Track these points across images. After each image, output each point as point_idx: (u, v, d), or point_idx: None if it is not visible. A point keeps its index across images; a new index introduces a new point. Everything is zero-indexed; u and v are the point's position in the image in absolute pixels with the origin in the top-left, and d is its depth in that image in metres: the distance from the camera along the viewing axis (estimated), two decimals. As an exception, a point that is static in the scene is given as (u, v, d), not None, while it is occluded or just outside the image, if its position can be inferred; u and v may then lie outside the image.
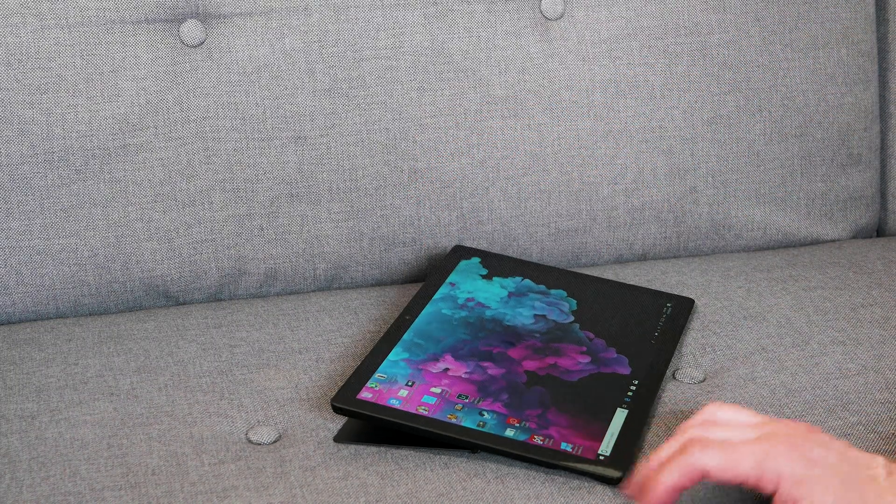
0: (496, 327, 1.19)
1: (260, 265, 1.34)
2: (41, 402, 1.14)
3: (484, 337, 1.18)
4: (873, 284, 1.31)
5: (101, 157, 1.29)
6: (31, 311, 1.31)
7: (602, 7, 1.37)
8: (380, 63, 1.33)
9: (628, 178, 1.39)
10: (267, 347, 1.23)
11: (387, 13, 1.33)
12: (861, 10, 1.42)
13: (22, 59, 1.26)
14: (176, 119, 1.30)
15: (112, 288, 1.31)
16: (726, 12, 1.39)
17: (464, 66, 1.35)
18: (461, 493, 1.01)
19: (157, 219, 1.31)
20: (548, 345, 1.17)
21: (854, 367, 1.16)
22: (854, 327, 1.23)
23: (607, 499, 1.01)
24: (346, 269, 1.36)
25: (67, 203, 1.29)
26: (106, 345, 1.23)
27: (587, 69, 1.37)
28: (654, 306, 1.25)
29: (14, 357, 1.22)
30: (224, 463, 1.06)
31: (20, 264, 1.29)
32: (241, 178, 1.32)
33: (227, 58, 1.31)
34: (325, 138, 1.33)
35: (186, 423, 1.11)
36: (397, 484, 1.03)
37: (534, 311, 1.22)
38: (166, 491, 1.03)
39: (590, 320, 1.22)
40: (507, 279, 1.27)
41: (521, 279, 1.28)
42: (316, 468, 1.05)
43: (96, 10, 1.28)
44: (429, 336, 1.17)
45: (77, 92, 1.28)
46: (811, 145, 1.42)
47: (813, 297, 1.28)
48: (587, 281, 1.28)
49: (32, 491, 1.03)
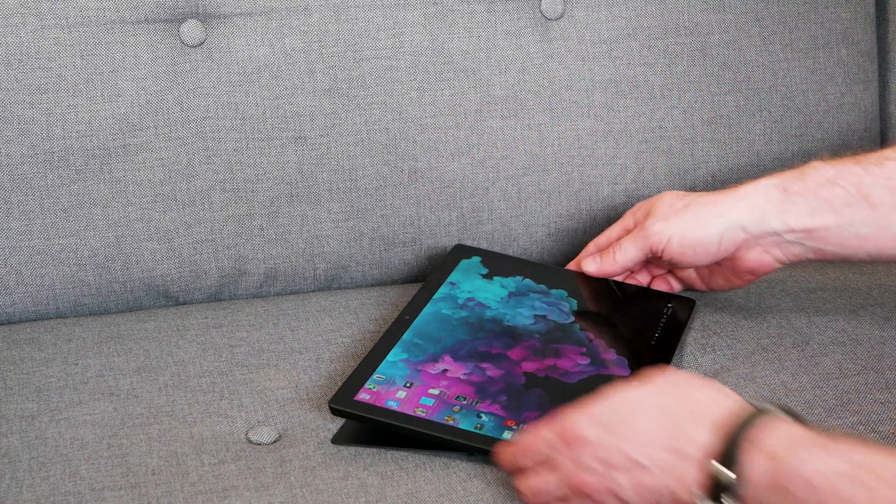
0: (496, 327, 1.19)
1: (260, 265, 1.34)
2: (41, 402, 1.14)
3: (483, 337, 1.18)
4: (873, 284, 1.31)
5: (101, 157, 1.29)
6: (31, 311, 1.31)
7: (602, 7, 1.37)
8: (380, 63, 1.33)
9: (628, 178, 1.39)
10: (267, 347, 1.22)
11: (387, 13, 1.33)
12: (861, 10, 1.42)
13: (22, 59, 1.26)
14: (176, 119, 1.30)
15: (112, 288, 1.31)
16: (726, 12, 1.39)
17: (464, 66, 1.34)
18: (461, 494, 1.01)
19: (157, 219, 1.31)
20: (547, 346, 1.17)
21: (854, 367, 1.16)
22: (854, 327, 1.23)
23: (607, 499, 1.01)
24: (346, 269, 1.36)
25: (67, 203, 1.29)
26: (106, 345, 1.23)
27: (587, 69, 1.37)
28: (655, 307, 1.25)
29: (14, 357, 1.22)
30: (224, 463, 1.06)
31: (20, 264, 1.29)
32: (241, 178, 1.32)
33: (227, 58, 1.31)
34: (325, 138, 1.33)
35: (186, 423, 1.11)
36: (397, 484, 1.03)
37: (534, 311, 1.22)
38: (166, 491, 1.03)
39: (590, 321, 1.22)
40: (507, 279, 1.27)
41: (522, 279, 1.27)
42: (316, 468, 1.05)
43: (96, 10, 1.28)
44: (428, 336, 1.17)
45: (77, 92, 1.28)
46: (811, 145, 1.42)
47: (813, 297, 1.28)
48: (588, 281, 1.28)
49: (32, 491, 1.03)
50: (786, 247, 1.17)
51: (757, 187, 1.18)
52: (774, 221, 1.16)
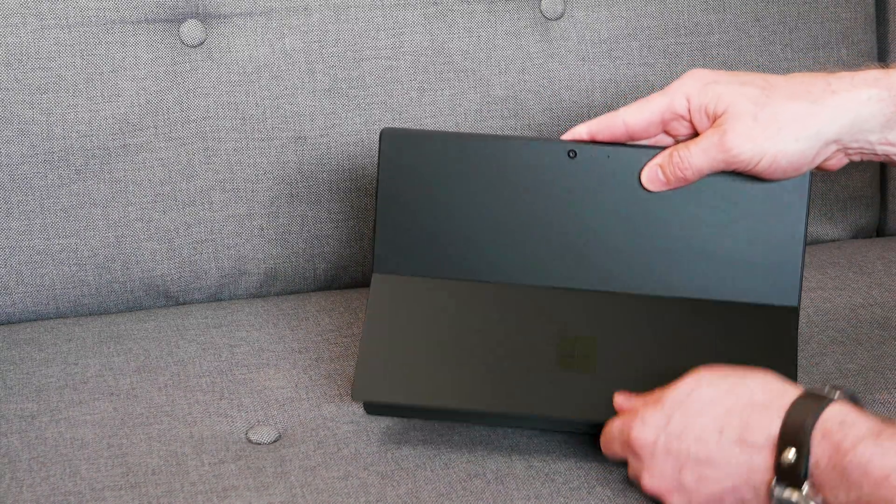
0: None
1: (260, 265, 1.34)
2: (41, 402, 1.14)
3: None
4: (873, 284, 1.31)
5: (101, 157, 1.29)
6: (31, 311, 1.31)
7: (602, 7, 1.37)
8: (380, 63, 1.33)
9: (628, 178, 1.39)
10: (267, 347, 1.23)
11: (387, 13, 1.33)
12: (861, 10, 1.42)
13: (22, 59, 1.26)
14: (176, 119, 1.30)
15: (112, 288, 1.31)
16: (726, 12, 1.39)
17: (464, 66, 1.35)
18: (461, 494, 1.01)
19: (157, 219, 1.31)
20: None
21: (854, 367, 1.16)
22: (854, 327, 1.23)
23: (606, 499, 1.01)
24: (346, 269, 1.36)
25: (67, 203, 1.29)
26: (106, 345, 1.23)
27: (587, 69, 1.37)
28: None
29: (14, 357, 1.22)
30: (224, 463, 1.06)
31: (20, 264, 1.29)
32: (241, 178, 1.32)
33: (227, 58, 1.31)
34: (325, 138, 1.33)
35: (186, 423, 1.11)
36: (398, 484, 1.03)
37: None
38: (166, 491, 1.03)
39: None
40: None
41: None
42: (316, 468, 1.05)
43: (96, 10, 1.28)
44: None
45: (77, 92, 1.28)
46: (811, 145, 1.42)
47: (813, 297, 1.28)
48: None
49: (32, 491, 1.03)
50: (868, 154, 1.06)
51: (859, 98, 1.02)
52: (874, 135, 1.03)
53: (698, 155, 1.04)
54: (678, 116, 1.06)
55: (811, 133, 1.02)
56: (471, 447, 1.07)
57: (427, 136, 1.10)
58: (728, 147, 1.03)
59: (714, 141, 1.03)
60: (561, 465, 1.04)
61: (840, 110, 1.02)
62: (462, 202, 1.09)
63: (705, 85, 1.05)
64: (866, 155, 1.05)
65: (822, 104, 1.02)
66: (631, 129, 1.07)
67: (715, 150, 1.03)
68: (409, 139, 1.10)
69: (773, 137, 1.02)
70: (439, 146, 1.09)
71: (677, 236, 1.08)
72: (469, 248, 1.10)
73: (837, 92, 1.03)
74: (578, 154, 1.08)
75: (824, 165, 1.06)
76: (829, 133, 1.03)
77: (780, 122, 1.02)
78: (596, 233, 1.09)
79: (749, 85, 1.04)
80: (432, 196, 1.09)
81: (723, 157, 1.03)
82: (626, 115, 1.07)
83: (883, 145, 1.04)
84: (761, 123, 1.02)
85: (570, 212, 1.09)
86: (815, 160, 1.04)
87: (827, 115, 1.02)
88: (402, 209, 1.10)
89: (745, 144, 1.03)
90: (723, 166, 1.04)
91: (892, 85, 1.03)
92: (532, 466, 1.04)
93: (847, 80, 1.03)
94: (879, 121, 1.03)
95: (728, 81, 1.04)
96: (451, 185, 1.09)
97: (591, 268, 1.09)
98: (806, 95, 1.03)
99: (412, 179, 1.10)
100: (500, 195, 1.09)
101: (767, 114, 1.02)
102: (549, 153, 1.08)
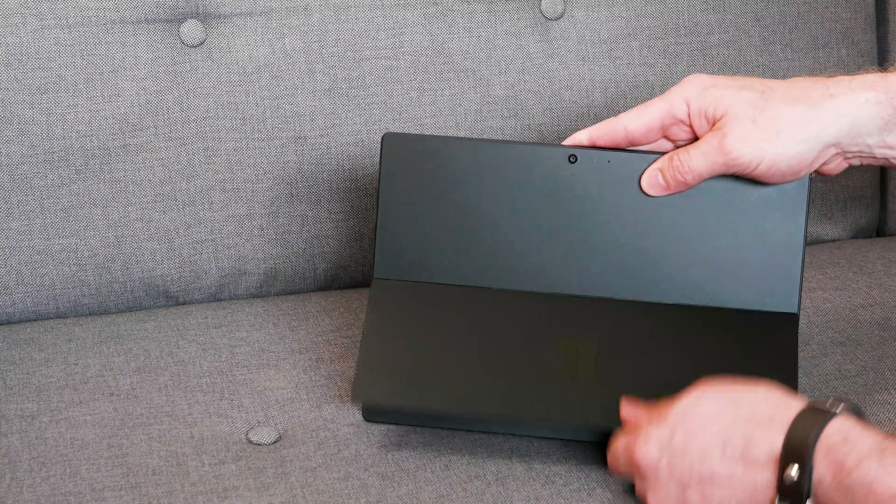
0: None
1: (260, 265, 1.34)
2: (41, 402, 1.14)
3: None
4: (873, 285, 1.31)
5: (101, 157, 1.29)
6: (31, 311, 1.31)
7: (602, 7, 1.37)
8: (380, 63, 1.33)
9: (628, 178, 1.39)
10: (267, 347, 1.23)
11: (387, 13, 1.33)
12: (861, 10, 1.42)
13: (22, 59, 1.26)
14: (176, 119, 1.30)
15: (112, 288, 1.31)
16: (726, 12, 1.39)
17: (464, 66, 1.35)
18: (461, 495, 1.02)
19: (157, 219, 1.31)
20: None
21: (854, 368, 1.16)
22: (854, 328, 1.23)
23: (607, 501, 1.01)
24: (346, 269, 1.36)
25: (67, 203, 1.29)
26: (106, 345, 1.24)
27: (587, 69, 1.37)
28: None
29: (14, 357, 1.22)
30: (224, 463, 1.06)
31: (20, 264, 1.29)
32: (241, 178, 1.32)
33: (227, 58, 1.31)
34: (325, 138, 1.33)
35: (186, 423, 1.11)
36: (398, 485, 1.03)
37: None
38: (166, 491, 1.03)
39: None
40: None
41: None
42: (316, 469, 1.05)
43: (96, 10, 1.28)
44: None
45: (77, 92, 1.28)
46: (811, 145, 1.42)
47: (813, 298, 1.28)
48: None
49: (32, 491, 1.03)
50: (868, 158, 1.06)
51: (857, 101, 1.03)
52: (872, 139, 1.04)
53: (698, 158, 1.05)
54: (678, 121, 1.06)
55: (810, 136, 1.03)
56: (471, 449, 1.07)
57: (428, 141, 1.10)
58: (727, 150, 1.03)
59: (714, 144, 1.04)
60: (561, 468, 1.04)
61: (838, 114, 1.03)
62: (462, 207, 1.09)
63: (704, 89, 1.05)
64: (865, 159, 1.06)
65: (821, 108, 1.03)
66: (631, 134, 1.07)
67: (714, 153, 1.04)
68: (411, 144, 1.10)
69: (771, 140, 1.03)
70: (440, 151, 1.09)
71: (677, 242, 1.08)
72: (469, 253, 1.10)
73: (836, 95, 1.03)
74: (579, 159, 1.08)
75: (823, 170, 1.06)
76: (828, 136, 1.03)
77: (779, 125, 1.03)
78: (595, 238, 1.09)
79: (748, 89, 1.04)
80: (433, 201, 1.10)
81: (722, 160, 1.04)
82: (626, 120, 1.07)
83: (881, 148, 1.04)
84: (760, 126, 1.03)
85: (571, 217, 1.09)
86: (813, 164, 1.05)
87: (825, 118, 1.03)
88: (403, 214, 1.10)
89: (745, 147, 1.03)
90: (722, 169, 1.05)
91: (890, 88, 1.03)
92: (532, 468, 1.04)
93: (845, 83, 1.04)
94: (877, 123, 1.03)
95: (727, 85, 1.05)
96: (452, 190, 1.09)
97: (590, 273, 1.09)
98: (804, 99, 1.03)
99: (413, 184, 1.10)
100: (501, 200, 1.09)
101: (766, 117, 1.03)
102: (550, 158, 1.08)
